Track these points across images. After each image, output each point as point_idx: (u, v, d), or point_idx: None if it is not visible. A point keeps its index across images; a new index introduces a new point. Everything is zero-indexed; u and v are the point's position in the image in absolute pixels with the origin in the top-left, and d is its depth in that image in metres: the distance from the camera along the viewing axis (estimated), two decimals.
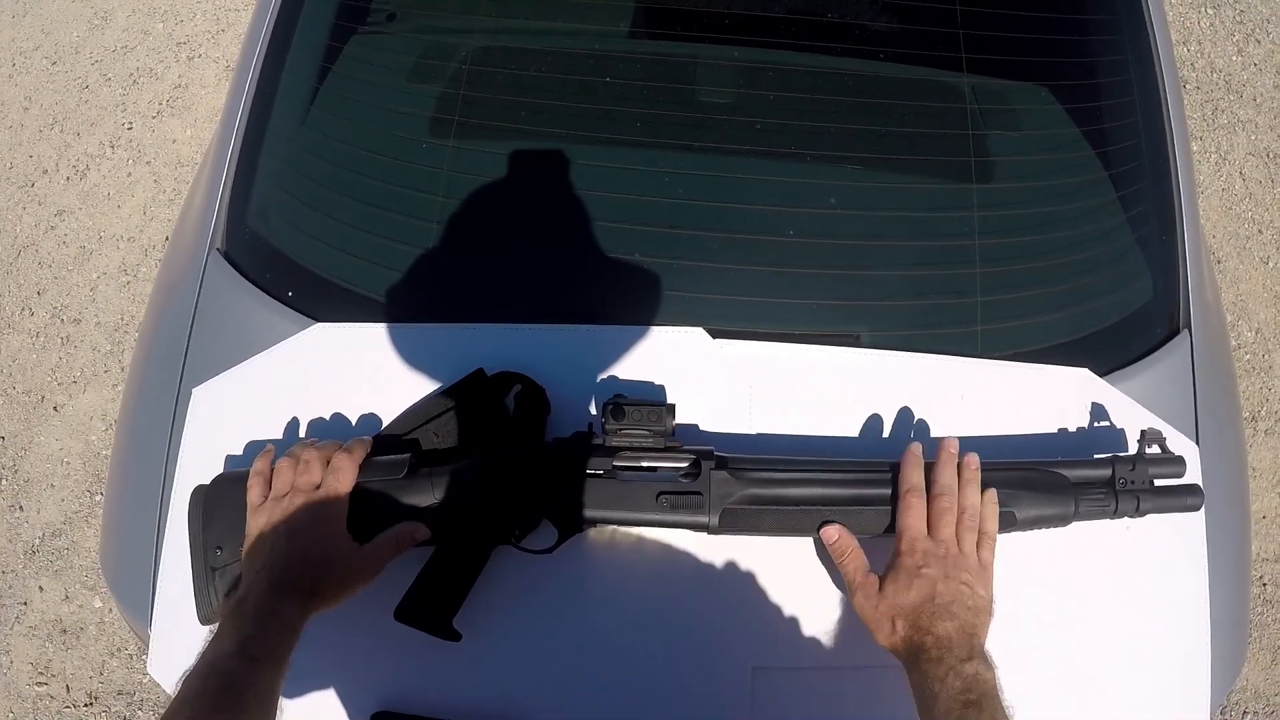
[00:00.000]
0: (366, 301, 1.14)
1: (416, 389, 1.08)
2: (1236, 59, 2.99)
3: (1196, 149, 2.76)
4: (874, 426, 1.08)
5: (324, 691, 1.00)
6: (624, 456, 0.97)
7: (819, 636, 1.01)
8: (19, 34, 3.07)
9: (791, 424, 1.07)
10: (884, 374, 1.09)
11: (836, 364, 1.09)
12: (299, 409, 1.09)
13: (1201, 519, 1.07)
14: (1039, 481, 0.99)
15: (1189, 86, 2.91)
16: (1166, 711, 1.03)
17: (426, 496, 0.96)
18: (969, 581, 0.90)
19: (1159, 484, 1.01)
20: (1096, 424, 1.11)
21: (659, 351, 1.08)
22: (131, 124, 2.85)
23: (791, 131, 1.19)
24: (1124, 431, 1.10)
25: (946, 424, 1.08)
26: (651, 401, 0.97)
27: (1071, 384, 1.11)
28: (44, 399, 2.38)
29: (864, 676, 1.00)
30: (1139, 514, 1.00)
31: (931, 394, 1.09)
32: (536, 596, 1.01)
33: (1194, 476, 1.06)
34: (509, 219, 1.16)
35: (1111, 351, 1.16)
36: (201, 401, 1.11)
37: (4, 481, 2.27)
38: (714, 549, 1.02)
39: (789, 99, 1.21)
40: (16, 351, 2.45)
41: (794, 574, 1.03)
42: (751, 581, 1.02)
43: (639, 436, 0.97)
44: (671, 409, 0.96)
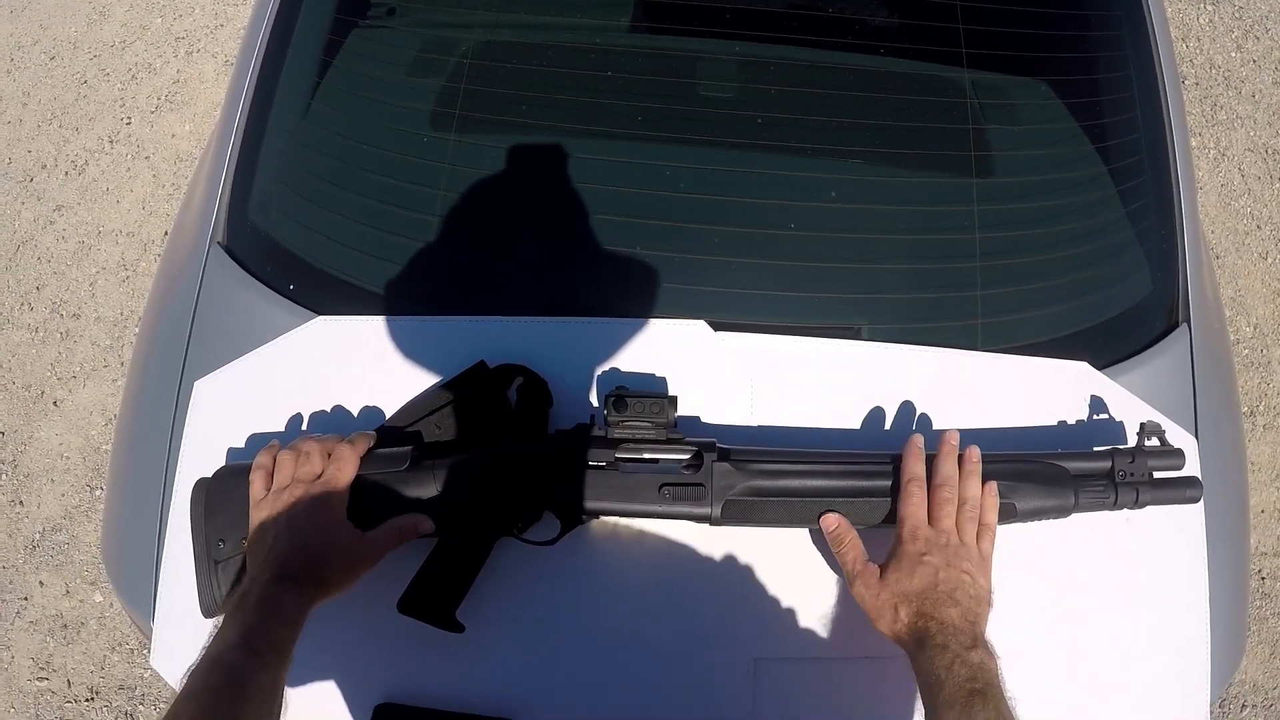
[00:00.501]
0: (368, 294, 1.14)
1: (418, 382, 1.08)
2: (1235, 55, 2.99)
3: (1195, 145, 2.77)
4: (875, 419, 1.09)
5: (327, 683, 1.00)
6: (626, 448, 0.97)
7: (820, 628, 1.02)
8: (17, 29, 3.07)
9: (793, 416, 1.08)
10: (885, 367, 1.10)
11: (837, 357, 1.10)
12: (300, 402, 1.10)
13: (1200, 511, 1.07)
14: (1039, 473, 0.99)
15: (1188, 83, 2.91)
16: (1166, 703, 1.04)
17: (429, 488, 0.96)
18: (970, 571, 0.90)
19: (1158, 476, 1.01)
20: (1096, 417, 1.11)
21: (661, 344, 1.09)
22: (130, 119, 2.84)
23: (793, 125, 1.19)
24: (1123, 424, 1.11)
25: (947, 416, 1.09)
26: (653, 394, 0.97)
27: (1071, 377, 1.12)
28: (44, 394, 2.38)
29: (865, 668, 1.01)
30: (1138, 506, 1.00)
31: (932, 387, 1.09)
32: (539, 588, 1.01)
33: (1193, 469, 1.06)
34: (511, 212, 1.16)
35: (1111, 345, 1.16)
36: (203, 395, 1.12)
37: (4, 476, 2.27)
38: (716, 541, 1.02)
39: (790, 93, 1.21)
40: (16, 346, 2.45)
41: (795, 566, 1.03)
42: (753, 573, 1.02)
43: (641, 428, 0.97)
44: (673, 401, 0.97)
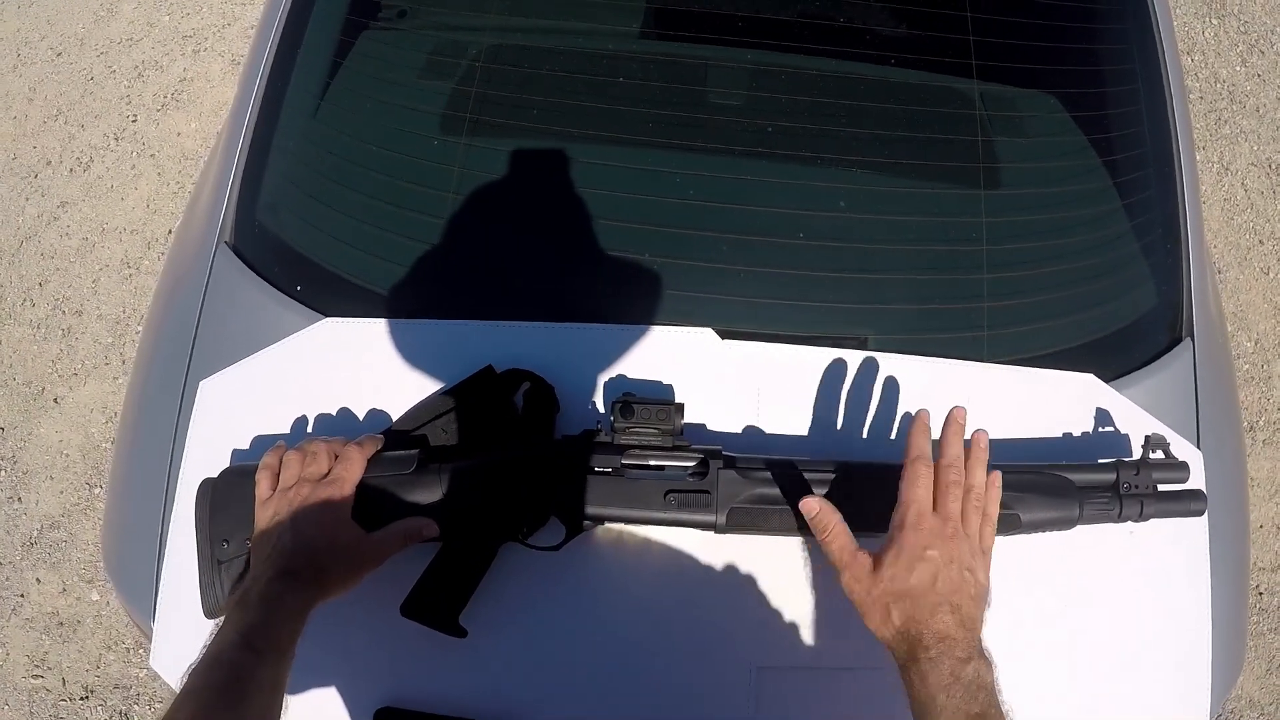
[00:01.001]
0: (375, 297, 1.14)
1: (425, 385, 1.08)
2: (1240, 70, 3.00)
3: (1199, 159, 2.77)
4: (880, 428, 1.09)
5: (328, 687, 1.00)
6: (632, 455, 0.97)
7: (824, 637, 1.02)
8: (24, 24, 3.07)
9: (799, 425, 1.08)
10: (890, 377, 1.10)
11: (844, 366, 1.10)
12: (306, 403, 1.09)
13: (1204, 524, 1.07)
14: (1044, 484, 0.99)
15: (1192, 97, 2.92)
16: (1168, 715, 1.04)
17: (434, 492, 0.96)
18: (972, 568, 0.85)
19: (1162, 489, 1.01)
20: (1101, 429, 1.11)
21: (668, 351, 1.09)
22: (136, 116, 2.85)
23: (802, 134, 1.19)
24: (1128, 437, 1.11)
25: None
26: (660, 400, 0.98)
27: (1076, 389, 1.12)
28: (44, 391, 2.38)
29: (868, 678, 1.00)
30: (1142, 518, 1.00)
31: (938, 397, 1.09)
32: (543, 594, 1.01)
33: (1197, 482, 1.06)
34: (520, 217, 1.16)
35: (1116, 358, 1.16)
36: (208, 395, 1.11)
37: (3, 473, 2.26)
38: (721, 548, 1.02)
39: (800, 102, 1.21)
40: (17, 343, 2.45)
41: (800, 574, 1.03)
42: (757, 581, 1.02)
43: (647, 435, 0.97)
44: (680, 408, 0.97)
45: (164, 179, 2.71)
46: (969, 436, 0.93)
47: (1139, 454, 1.04)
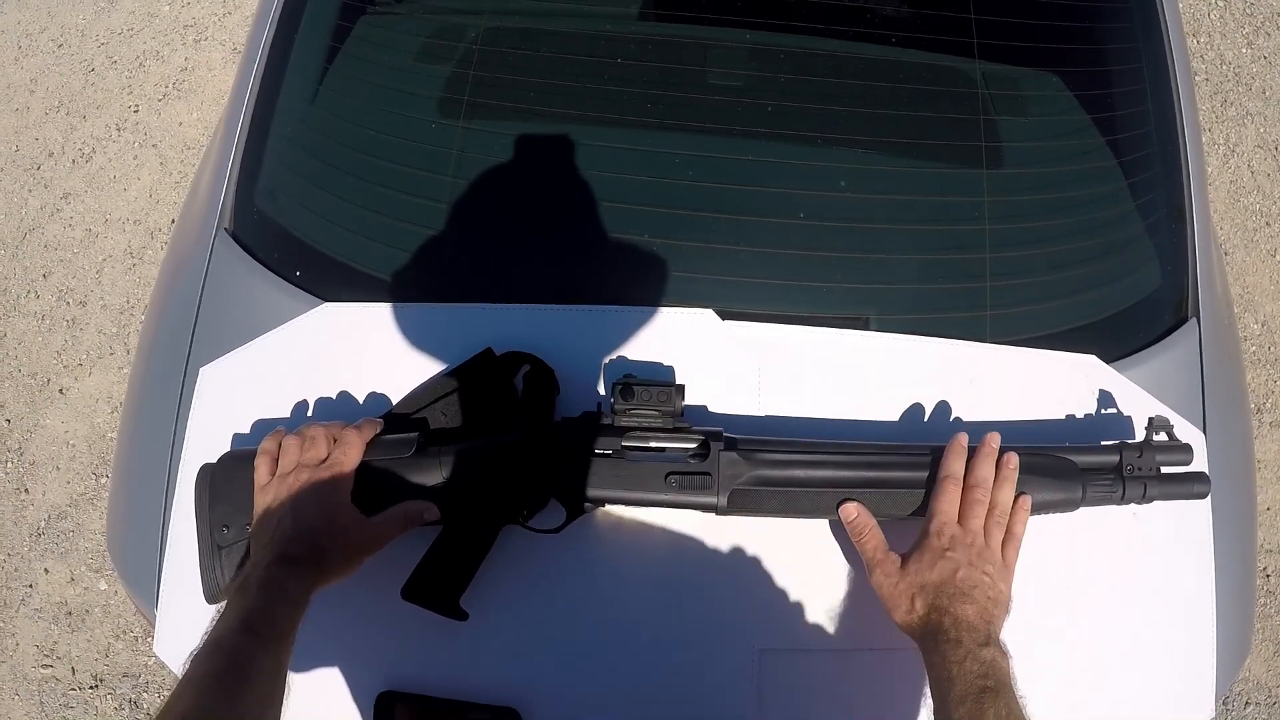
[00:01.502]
0: (375, 281, 1.13)
1: (424, 369, 1.08)
2: (1246, 51, 2.98)
3: (1205, 141, 2.75)
4: (882, 410, 1.08)
5: (330, 670, 1.00)
6: (632, 437, 0.97)
7: (826, 619, 1.01)
8: (25, 16, 3.07)
9: (800, 406, 1.07)
10: (892, 358, 1.09)
11: (845, 347, 1.09)
12: (306, 388, 1.09)
13: (1208, 507, 1.07)
14: (1047, 466, 0.99)
15: (1198, 78, 2.90)
16: (1172, 698, 1.04)
17: (434, 475, 0.96)
18: (990, 574, 0.90)
19: (1166, 471, 1.01)
20: (1104, 411, 1.10)
21: (668, 332, 1.08)
22: (138, 107, 2.84)
23: (802, 115, 1.18)
24: (1131, 419, 1.10)
25: (954, 408, 1.08)
26: (660, 382, 0.97)
27: (1079, 370, 1.11)
28: (49, 382, 2.38)
29: (871, 659, 1.01)
30: (1146, 500, 1.00)
31: (940, 378, 1.09)
32: (544, 576, 1.01)
33: (1201, 464, 1.05)
34: (519, 199, 1.16)
35: (1119, 338, 1.15)
36: (209, 381, 1.12)
37: (10, 464, 2.27)
38: (722, 530, 1.02)
39: (800, 82, 1.20)
40: (22, 334, 2.46)
41: (801, 556, 1.03)
42: (759, 563, 1.02)
43: (648, 417, 0.97)
44: (680, 390, 0.97)
45: (166, 169, 2.71)
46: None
47: (1142, 436, 1.03)
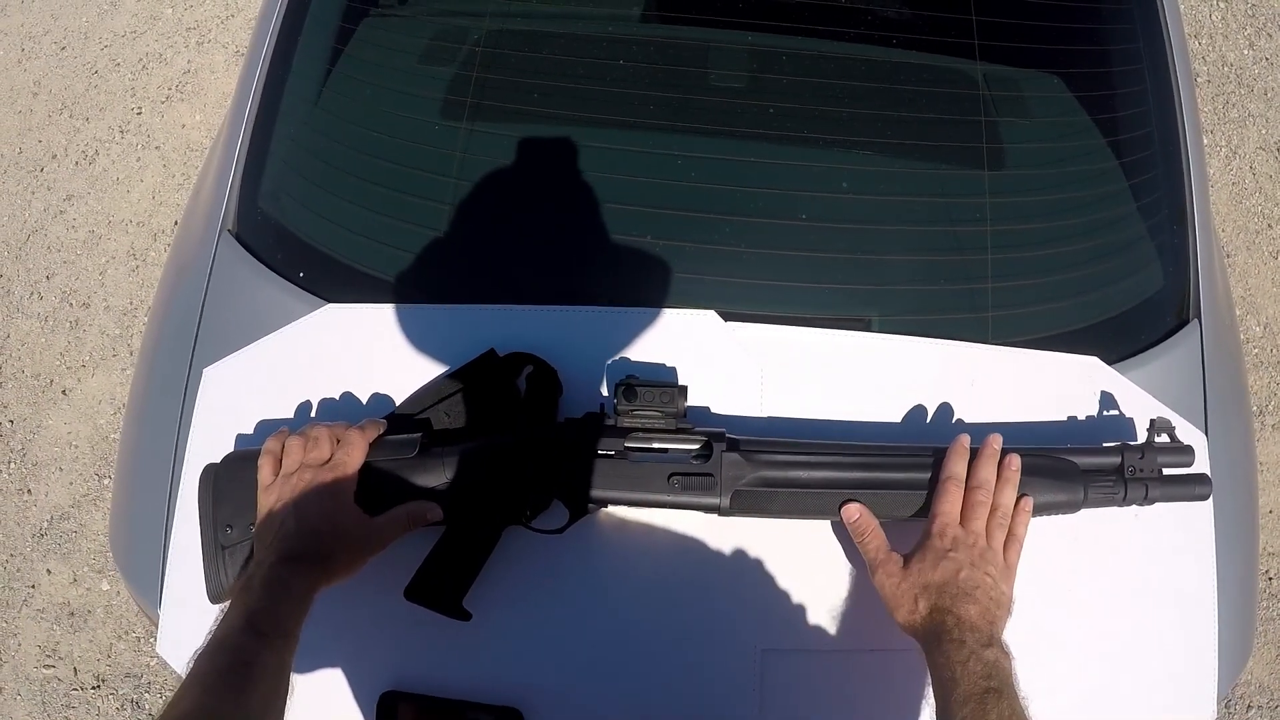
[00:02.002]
0: (378, 282, 1.14)
1: (428, 370, 1.08)
2: (1248, 53, 2.98)
3: (1207, 143, 2.75)
4: (884, 411, 1.08)
5: (333, 670, 1.00)
6: (635, 438, 0.97)
7: (828, 619, 1.01)
8: (28, 19, 3.07)
9: (802, 407, 1.08)
10: (894, 359, 1.09)
11: (847, 348, 1.09)
12: (310, 389, 1.10)
13: (1209, 508, 1.07)
14: (1049, 468, 0.99)
15: (1200, 80, 2.90)
16: (1174, 699, 1.04)
17: (438, 476, 0.96)
18: (992, 574, 0.90)
19: (1167, 473, 1.01)
20: (1105, 412, 1.11)
21: (671, 334, 1.08)
22: (141, 109, 2.85)
23: (804, 116, 1.19)
24: (1132, 420, 1.10)
25: (956, 410, 1.09)
26: (663, 383, 0.97)
27: (1081, 372, 1.11)
28: (52, 383, 2.39)
29: (873, 660, 1.01)
30: (1147, 502, 1.00)
31: (941, 379, 1.09)
32: (547, 577, 1.01)
33: (1202, 466, 1.05)
34: (522, 201, 1.16)
35: (1121, 340, 1.16)
36: (212, 381, 1.12)
37: (13, 465, 2.28)
38: (724, 531, 1.02)
39: (802, 84, 1.20)
40: (25, 335, 2.46)
41: (803, 557, 1.03)
42: (761, 564, 1.02)
43: (650, 418, 0.97)
44: (683, 391, 0.97)
45: (169, 171, 2.72)
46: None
47: (1144, 437, 1.03)
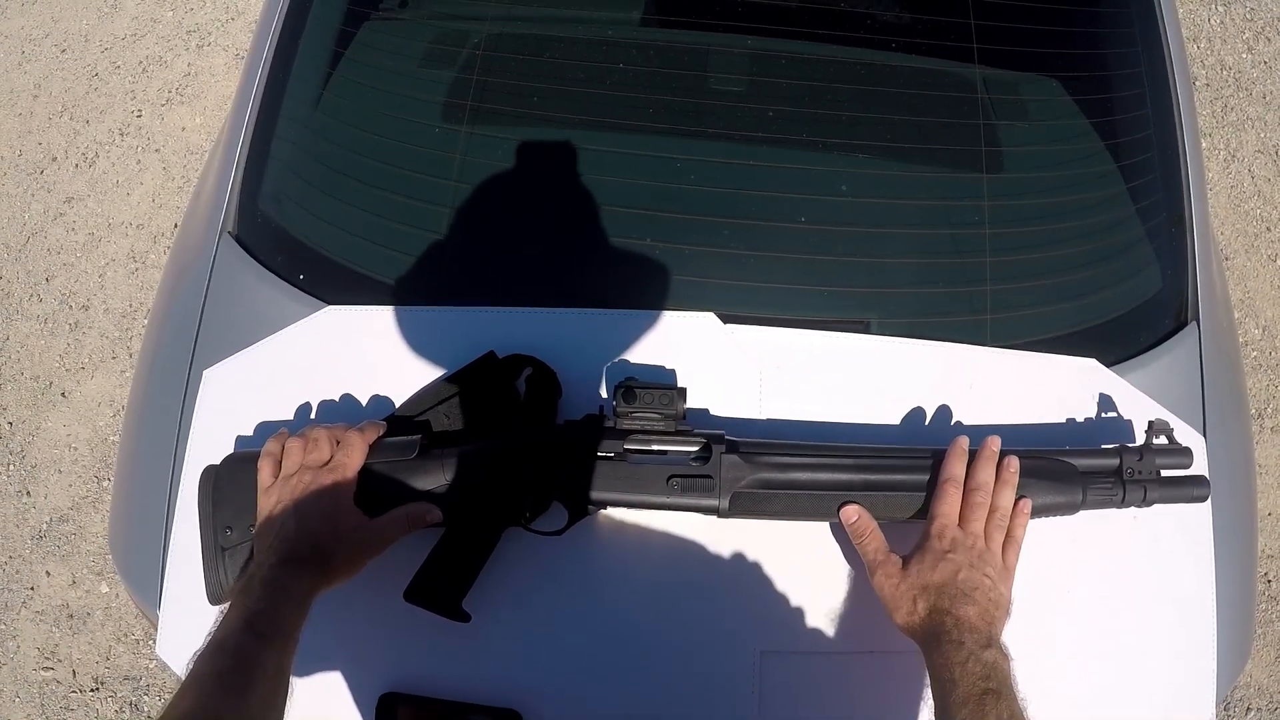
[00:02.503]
0: (378, 284, 1.14)
1: (427, 372, 1.08)
2: (1246, 56, 2.98)
3: (1205, 146, 2.76)
4: (883, 413, 1.09)
5: (332, 672, 1.00)
6: (635, 439, 0.97)
7: (827, 622, 1.02)
8: (29, 21, 3.08)
9: (801, 409, 1.08)
10: (893, 361, 1.10)
11: (846, 350, 1.10)
12: (310, 391, 1.10)
13: (1208, 510, 1.07)
14: (1048, 470, 0.99)
15: (1199, 84, 2.91)
16: (1172, 701, 1.04)
17: (437, 478, 0.97)
18: (991, 576, 0.90)
19: (1166, 475, 1.01)
20: (1104, 414, 1.11)
21: (670, 336, 1.09)
22: (141, 112, 2.85)
23: (803, 119, 1.19)
24: (1131, 422, 1.10)
25: (955, 412, 1.09)
26: (663, 385, 0.97)
27: (1079, 374, 1.12)
28: (52, 385, 2.39)
29: (871, 662, 1.01)
30: (1146, 504, 1.00)
31: (940, 382, 1.09)
32: (546, 578, 1.02)
33: (1200, 468, 1.06)
34: (521, 204, 1.16)
35: (1119, 342, 1.16)
36: (212, 383, 1.12)
37: (12, 467, 2.28)
38: (724, 533, 1.02)
39: (801, 87, 1.21)
40: (25, 337, 2.46)
41: (803, 559, 1.03)
42: (760, 566, 1.02)
43: (650, 420, 0.97)
44: (682, 393, 0.97)
45: (169, 173, 2.72)
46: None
47: (1142, 439, 1.04)
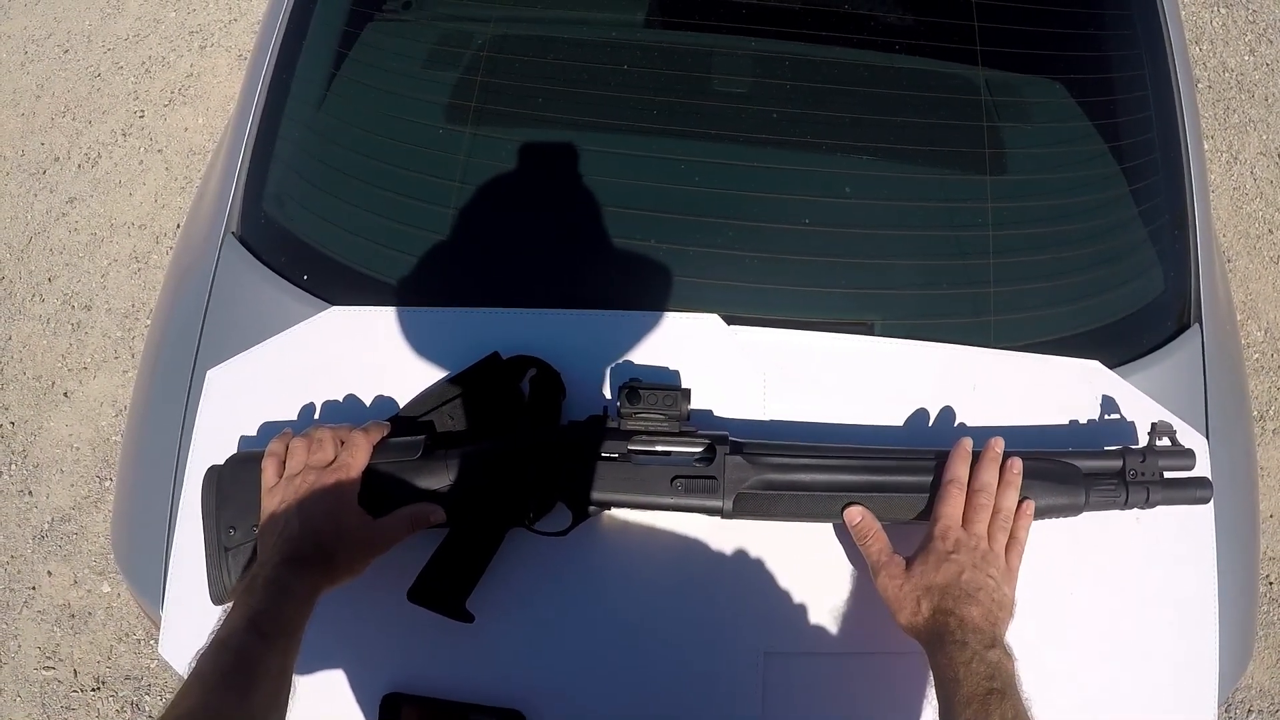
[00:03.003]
0: (382, 285, 1.14)
1: (431, 372, 1.08)
2: (1249, 59, 2.98)
3: (1208, 148, 2.76)
4: (886, 414, 1.09)
5: (335, 672, 1.00)
6: (639, 440, 0.97)
7: (831, 622, 1.02)
8: (32, 22, 3.08)
9: (805, 410, 1.08)
10: (897, 362, 1.10)
11: (850, 352, 1.10)
12: (313, 392, 1.10)
13: (1210, 512, 1.07)
14: (1051, 471, 0.99)
15: (1201, 86, 2.91)
16: (1174, 702, 1.04)
17: (441, 478, 0.97)
18: (994, 576, 0.90)
19: (1169, 476, 1.01)
20: (1107, 416, 1.11)
21: (674, 337, 1.09)
22: (143, 112, 2.85)
23: (807, 121, 1.19)
24: (1134, 424, 1.10)
25: (958, 413, 1.09)
26: (666, 386, 0.97)
27: (1082, 376, 1.12)
28: (54, 385, 2.39)
29: (875, 663, 1.01)
30: (1148, 505, 1.00)
31: (943, 383, 1.09)
32: (549, 579, 1.02)
33: (1203, 470, 1.06)
34: (525, 205, 1.16)
35: (1123, 344, 1.16)
36: (216, 384, 1.12)
37: (14, 467, 2.28)
38: (727, 534, 1.02)
39: (805, 89, 1.21)
40: (27, 338, 2.46)
41: (806, 560, 1.03)
42: (764, 567, 1.02)
43: (654, 421, 0.97)
44: (686, 394, 0.97)
45: (172, 174, 2.72)
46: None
47: (1145, 441, 1.04)
